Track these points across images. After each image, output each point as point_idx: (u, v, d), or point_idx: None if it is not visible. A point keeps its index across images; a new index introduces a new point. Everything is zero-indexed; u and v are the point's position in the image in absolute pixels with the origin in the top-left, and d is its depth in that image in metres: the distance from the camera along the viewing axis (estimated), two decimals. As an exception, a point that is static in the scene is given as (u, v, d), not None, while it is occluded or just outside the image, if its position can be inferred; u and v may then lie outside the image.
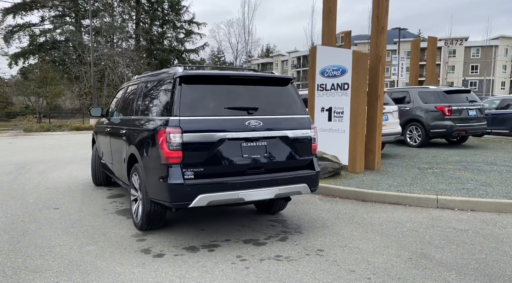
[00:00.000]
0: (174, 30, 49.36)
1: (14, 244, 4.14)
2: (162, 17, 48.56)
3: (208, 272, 3.48)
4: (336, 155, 7.78)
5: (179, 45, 49.08)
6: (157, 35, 48.22)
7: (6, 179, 7.92)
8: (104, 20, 43.68)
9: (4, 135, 20.68)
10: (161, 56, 45.94)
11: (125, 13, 45.84)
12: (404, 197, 6.01)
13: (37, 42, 42.89)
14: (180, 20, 49.81)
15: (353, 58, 7.72)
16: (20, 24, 43.36)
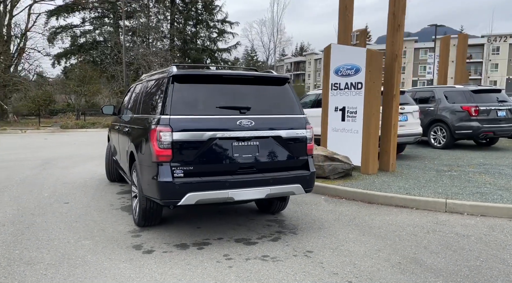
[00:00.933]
0: (207, 30, 50.00)
1: (17, 236, 4.36)
2: (196, 17, 49.29)
3: (191, 270, 3.53)
4: (349, 156, 7.66)
5: (212, 44, 49.67)
6: (191, 34, 49.01)
7: (31, 173, 8.34)
8: (140, 21, 44.87)
9: (42, 132, 21.70)
10: (194, 56, 46.66)
11: (160, 13, 46.90)
12: (411, 200, 5.85)
13: (77, 43, 44.63)
14: (213, 19, 50.37)
15: (367, 57, 7.57)
16: (63, 26, 45.25)
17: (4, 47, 32.53)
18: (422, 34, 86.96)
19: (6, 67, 32.18)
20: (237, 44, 50.06)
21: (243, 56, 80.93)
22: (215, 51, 49.24)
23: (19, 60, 35.87)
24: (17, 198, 6.10)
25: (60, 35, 45.21)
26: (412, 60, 66.84)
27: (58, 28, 44.68)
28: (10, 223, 4.83)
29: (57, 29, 44.61)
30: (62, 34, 45.22)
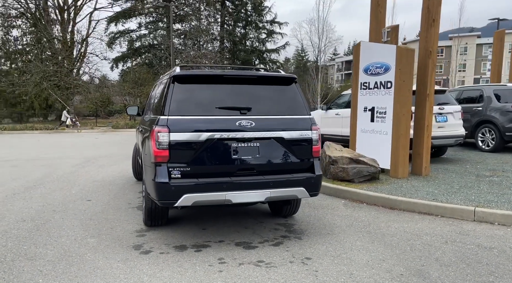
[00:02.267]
0: (256, 31, 50.27)
1: (32, 231, 4.59)
2: (245, 18, 49.71)
3: (180, 273, 3.51)
4: (378, 158, 7.33)
5: (261, 45, 49.85)
6: (240, 36, 49.51)
7: (69, 170, 8.79)
8: (192, 24, 46.10)
9: (96, 131, 22.92)
10: (242, 57, 47.12)
11: (211, 16, 47.88)
12: (436, 207, 5.45)
13: (133, 47, 46.68)
14: (262, 20, 50.57)
15: (397, 54, 7.19)
16: (121, 31, 47.55)
17: (67, 52, 34.79)
18: (487, 29, 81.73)
19: (68, 71, 34.38)
20: (286, 45, 49.83)
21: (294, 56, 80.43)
22: (264, 52, 49.37)
23: (80, 64, 38.21)
24: (46, 195, 6.44)
25: (119, 40, 47.54)
26: (474, 57, 63.01)
27: (116, 33, 47.00)
28: (30, 219, 5.09)
29: (115, 35, 46.94)
30: (120, 39, 47.53)
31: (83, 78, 37.83)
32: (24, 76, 33.21)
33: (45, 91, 32.77)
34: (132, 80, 41.71)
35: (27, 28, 38.28)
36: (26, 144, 15.80)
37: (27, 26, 38.23)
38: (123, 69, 46.29)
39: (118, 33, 46.50)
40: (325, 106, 11.49)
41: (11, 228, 4.70)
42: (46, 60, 34.38)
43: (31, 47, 37.34)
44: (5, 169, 9.17)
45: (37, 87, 32.18)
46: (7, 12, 37.19)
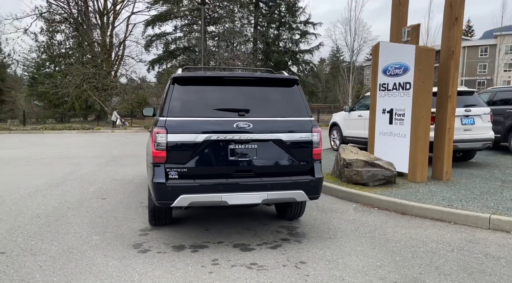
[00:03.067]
0: (289, 32, 50.12)
1: (43, 228, 4.80)
2: (279, 19, 49.68)
3: (171, 273, 3.56)
4: (396, 161, 7.14)
5: (294, 46, 49.65)
6: (273, 37, 49.54)
7: (92, 169, 9.12)
8: (225, 26, 46.59)
9: (128, 132, 23.61)
10: (275, 58, 47.12)
11: (244, 18, 48.19)
12: (449, 213, 5.24)
13: (169, 49, 47.75)
14: (296, 21, 50.36)
15: (416, 55, 6.96)
16: (157, 34, 48.79)
17: (105, 55, 36.11)
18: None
19: (106, 73, 35.66)
20: (320, 45, 49.37)
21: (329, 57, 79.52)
22: (297, 53, 49.15)
23: (118, 66, 39.54)
24: (66, 192, 6.71)
25: (155, 42, 48.80)
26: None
27: (153, 36, 48.26)
28: (45, 215, 5.33)
29: (152, 37, 48.21)
30: (156, 41, 48.78)
31: (120, 80, 39.13)
32: (66, 79, 34.75)
33: (84, 92, 34.14)
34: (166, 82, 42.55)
35: (70, 32, 40.02)
36: (61, 142, 16.52)
37: (70, 31, 39.96)
38: (159, 71, 47.40)
39: (154, 36, 47.70)
40: (348, 107, 11.29)
41: (25, 223, 4.94)
42: (86, 63, 35.80)
43: (73, 50, 38.98)
44: (36, 166, 9.64)
45: (78, 89, 33.58)
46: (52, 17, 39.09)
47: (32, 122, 32.68)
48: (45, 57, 40.24)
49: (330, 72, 67.53)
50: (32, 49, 39.10)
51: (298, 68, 50.97)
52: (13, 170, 9.14)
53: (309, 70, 50.56)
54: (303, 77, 50.75)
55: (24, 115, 31.32)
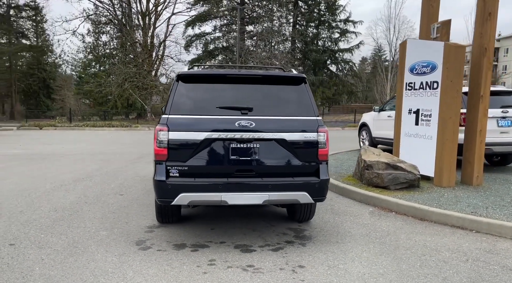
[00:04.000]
0: (329, 30, 49.41)
1: (56, 221, 4.96)
2: (318, 18, 49.09)
3: (165, 272, 3.54)
4: (422, 164, 6.83)
5: (333, 45, 48.89)
6: (311, 36, 49.00)
7: (120, 165, 9.36)
8: (264, 25, 46.60)
9: (165, 130, 24.11)
10: (314, 57, 46.59)
11: (283, 17, 47.99)
12: (471, 221, 4.92)
13: (208, 49, 48.42)
14: (335, 19, 49.58)
15: (444, 52, 6.60)
16: (197, 34, 49.63)
17: (146, 55, 37.16)
18: None
19: (147, 73, 36.67)
20: (360, 44, 48.28)
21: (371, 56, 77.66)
22: (336, 52, 48.35)
23: (158, 66, 40.56)
24: (88, 188, 6.91)
25: (195, 42, 49.67)
26: None
27: (193, 37, 49.13)
28: (62, 209, 5.50)
29: (192, 38, 49.09)
30: (196, 41, 49.63)
31: (160, 79, 40.12)
32: (110, 78, 36.07)
33: (126, 91, 35.27)
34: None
35: (114, 33, 41.53)
36: (99, 139, 17.14)
37: (114, 32, 41.45)
38: (198, 71, 48.15)
39: (194, 36, 48.54)
40: (378, 107, 10.91)
41: (41, 217, 5.12)
42: (128, 63, 36.98)
43: (116, 51, 40.41)
44: (68, 162, 10.03)
45: (119, 87, 34.76)
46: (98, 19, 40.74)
47: (78, 119, 34.22)
48: (91, 57, 41.98)
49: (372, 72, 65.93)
50: (80, 50, 41.09)
51: (337, 67, 50.15)
52: (46, 164, 9.56)
53: (348, 70, 49.59)
54: (342, 76, 49.87)
55: (70, 113, 32.81)
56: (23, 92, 47.96)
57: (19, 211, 5.37)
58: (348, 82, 50.77)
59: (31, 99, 48.06)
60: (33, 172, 8.50)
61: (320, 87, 47.29)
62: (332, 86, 48.26)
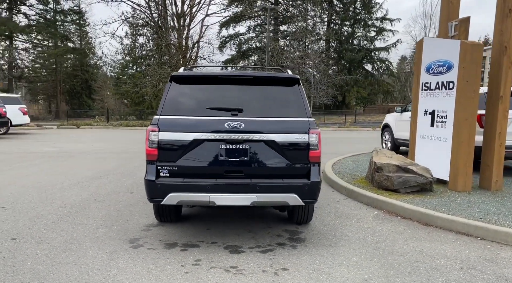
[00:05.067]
0: (364, 29, 48.53)
1: (62, 217, 5.17)
2: (353, 17, 48.32)
3: (149, 270, 3.58)
4: (438, 168, 6.60)
5: (369, 44, 47.92)
6: (346, 35, 48.26)
7: (139, 164, 9.60)
8: (297, 25, 46.36)
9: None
10: (348, 56, 45.86)
11: (317, 16, 47.54)
12: (476, 227, 4.69)
13: (241, 50, 48.78)
14: (371, 18, 48.64)
15: (461, 51, 6.33)
16: (231, 35, 50.13)
17: (180, 56, 37.92)
18: None
19: (180, 74, 37.35)
20: (397, 42, 47.11)
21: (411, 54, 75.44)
22: (372, 51, 47.38)
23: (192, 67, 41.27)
24: (102, 185, 7.16)
25: (229, 43, 50.20)
26: None
27: (227, 37, 49.68)
28: (70, 206, 5.73)
29: (226, 38, 49.64)
30: (230, 42, 50.15)
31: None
32: (145, 79, 37.10)
33: (160, 91, 36.13)
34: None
35: (150, 35, 42.67)
36: (128, 138, 17.66)
37: (151, 34, 42.59)
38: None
39: (228, 37, 49.06)
40: (400, 108, 10.60)
41: (50, 213, 5.36)
42: (163, 64, 37.88)
43: (152, 52, 41.50)
44: (91, 160, 10.42)
45: (154, 88, 35.67)
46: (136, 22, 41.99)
47: (115, 118, 35.45)
48: (128, 58, 43.34)
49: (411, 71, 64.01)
50: (118, 52, 42.43)
51: (372, 66, 49.14)
52: (71, 162, 9.98)
53: (384, 69, 48.49)
54: (377, 75, 48.80)
55: (108, 112, 34.02)
56: (67, 92, 50.23)
57: (31, 206, 5.64)
58: (384, 82, 49.61)
59: (75, 99, 50.23)
60: (56, 169, 8.90)
61: (355, 87, 46.53)
62: (367, 86, 47.36)
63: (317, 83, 41.08)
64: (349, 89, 46.41)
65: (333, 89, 40.87)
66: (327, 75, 42.05)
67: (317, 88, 40.53)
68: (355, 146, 12.38)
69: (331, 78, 41.71)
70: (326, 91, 40.02)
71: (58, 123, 28.11)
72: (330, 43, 48.18)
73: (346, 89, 45.91)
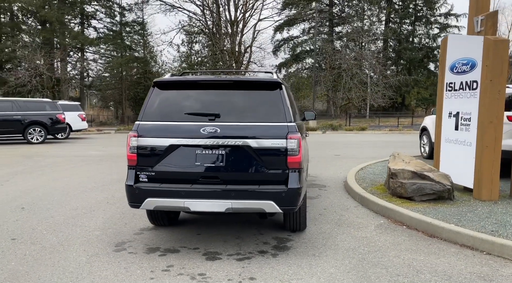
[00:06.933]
0: (426, 26, 46.15)
1: (68, 219, 5.46)
2: (414, 14, 46.14)
3: (117, 275, 3.63)
4: (462, 174, 6.14)
5: (431, 41, 45.48)
6: (406, 33, 46.21)
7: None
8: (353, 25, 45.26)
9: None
10: (408, 55, 43.85)
11: (374, 15, 46.05)
12: (482, 241, 4.26)
13: (295, 53, 48.53)
14: (434, 14, 46.15)
15: (484, 48, 5.81)
16: (285, 38, 50.09)
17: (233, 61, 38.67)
18: None
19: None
20: (463, 39, 44.16)
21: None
22: (434, 49, 44.82)
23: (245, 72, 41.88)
24: (120, 189, 7.36)
25: (283, 47, 50.18)
26: None
27: (280, 41, 49.70)
28: (82, 208, 6.04)
29: (280, 42, 49.68)
30: (284, 46, 50.10)
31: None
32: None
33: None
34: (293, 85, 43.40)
35: (205, 42, 43.99)
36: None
37: (206, 41, 43.90)
38: (285, 75, 48.55)
39: (282, 40, 49.06)
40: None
41: (60, 214, 5.69)
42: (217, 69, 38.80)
43: (207, 58, 42.73)
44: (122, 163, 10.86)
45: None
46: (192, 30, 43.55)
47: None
48: (185, 65, 44.94)
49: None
50: (175, 59, 44.17)
51: (435, 66, 46.46)
52: (107, 165, 10.52)
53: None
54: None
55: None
56: (132, 99, 53.15)
57: (47, 208, 6.03)
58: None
59: (138, 106, 52.92)
60: (89, 172, 9.43)
61: (415, 88, 44.36)
62: (429, 86, 44.88)
63: (373, 85, 39.75)
64: (408, 90, 44.32)
65: (390, 90, 39.28)
66: (384, 76, 40.53)
67: (373, 89, 39.23)
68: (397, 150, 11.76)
69: (387, 79, 40.13)
70: (382, 93, 38.58)
71: (114, 128, 29.76)
72: (388, 42, 46.37)
73: (405, 90, 43.88)
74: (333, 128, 26.29)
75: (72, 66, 44.26)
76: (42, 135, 17.09)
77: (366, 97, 39.73)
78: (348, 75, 37.60)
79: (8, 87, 33.68)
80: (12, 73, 34.44)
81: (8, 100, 17.78)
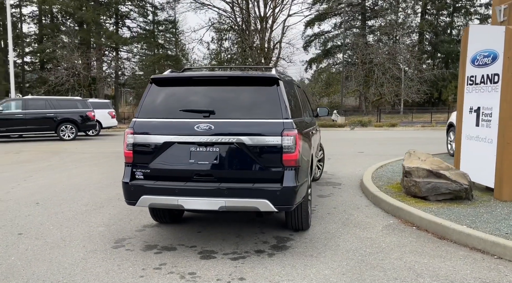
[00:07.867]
0: (465, 17, 44.28)
1: (77, 215, 5.56)
2: (452, 5, 44.38)
3: (108, 272, 3.64)
4: (483, 173, 5.80)
5: (469, 33, 43.53)
6: (443, 25, 44.49)
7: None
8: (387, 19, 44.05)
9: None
10: (445, 48, 42.24)
11: (408, 7, 44.62)
12: (493, 244, 3.98)
13: (326, 48, 47.81)
14: (474, 4, 44.22)
15: (506, 38, 5.44)
16: (316, 33, 49.43)
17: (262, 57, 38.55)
18: None
19: (263, 75, 37.98)
20: (504, 30, 42.07)
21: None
22: (473, 41, 42.97)
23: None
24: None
25: (314, 42, 49.54)
26: None
27: (311, 36, 49.08)
28: (93, 204, 6.15)
29: (310, 37, 49.07)
30: (315, 41, 49.45)
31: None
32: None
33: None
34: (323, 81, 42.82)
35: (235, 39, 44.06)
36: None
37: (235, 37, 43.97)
38: (315, 70, 47.95)
39: (313, 35, 48.42)
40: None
41: (70, 210, 5.81)
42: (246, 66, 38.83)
43: (237, 55, 42.81)
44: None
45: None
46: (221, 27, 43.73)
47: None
48: (215, 63, 45.26)
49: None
50: (205, 56, 44.54)
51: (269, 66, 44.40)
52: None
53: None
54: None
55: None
56: (164, 97, 54.13)
57: (59, 203, 6.18)
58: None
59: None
60: (111, 168, 9.63)
61: (453, 82, 42.62)
62: (467, 80, 43.04)
63: (407, 80, 38.54)
64: (445, 85, 42.74)
65: (425, 85, 37.93)
66: (418, 70, 39.20)
67: (406, 84, 38.05)
68: (424, 147, 11.31)
69: (422, 73, 38.78)
70: (417, 88, 37.32)
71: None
72: (424, 35, 44.83)
73: (442, 84, 42.31)
74: (363, 124, 25.69)
75: (107, 65, 45.48)
76: (73, 132, 17.67)
77: (400, 93, 38.59)
78: (380, 70, 36.61)
79: (48, 86, 35.10)
80: (52, 73, 35.84)
81: (42, 98, 18.51)
